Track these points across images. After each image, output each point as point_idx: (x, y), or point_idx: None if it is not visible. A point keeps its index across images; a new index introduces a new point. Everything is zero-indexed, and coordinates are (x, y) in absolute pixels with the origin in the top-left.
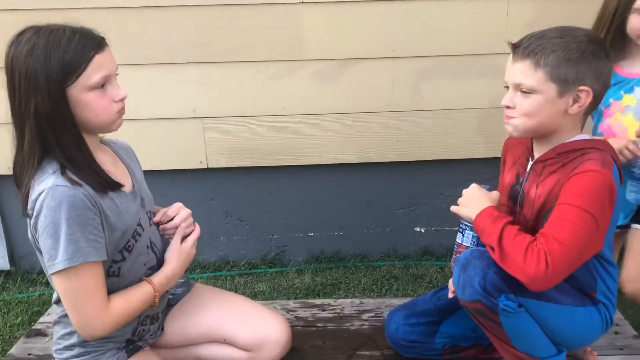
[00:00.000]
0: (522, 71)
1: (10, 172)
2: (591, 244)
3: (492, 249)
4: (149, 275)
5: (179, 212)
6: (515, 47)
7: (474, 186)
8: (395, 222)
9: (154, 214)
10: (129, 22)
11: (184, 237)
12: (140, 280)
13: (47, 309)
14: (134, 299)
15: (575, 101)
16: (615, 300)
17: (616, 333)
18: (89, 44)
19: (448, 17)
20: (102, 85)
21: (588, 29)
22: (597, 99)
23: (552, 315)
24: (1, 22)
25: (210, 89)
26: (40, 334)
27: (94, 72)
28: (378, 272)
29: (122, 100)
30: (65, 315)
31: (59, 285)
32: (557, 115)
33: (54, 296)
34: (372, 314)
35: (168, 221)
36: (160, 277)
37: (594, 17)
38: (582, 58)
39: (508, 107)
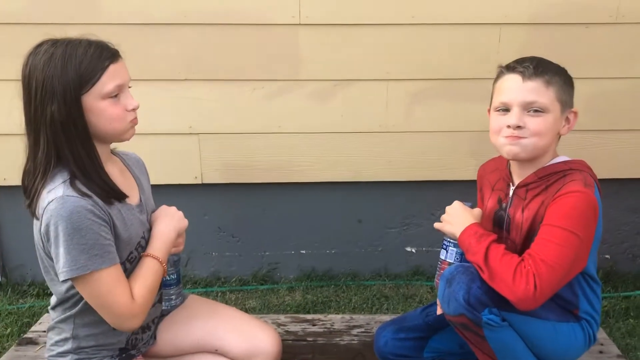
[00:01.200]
0: (534, 90)
1: (5, 184)
2: (576, 263)
3: (480, 267)
4: None
5: None
6: (521, 67)
7: (457, 203)
8: (386, 242)
9: None
10: (128, 39)
11: None
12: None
13: (37, 320)
14: (147, 277)
15: (566, 122)
16: (598, 317)
17: (600, 352)
18: (104, 54)
19: (442, 42)
20: (115, 95)
21: None
22: None
23: (535, 330)
24: (15, 35)
25: (207, 105)
26: (32, 342)
27: (108, 81)
28: (369, 291)
29: (134, 109)
30: (61, 321)
31: (82, 290)
32: (555, 136)
33: (52, 301)
34: (362, 330)
35: None
36: (154, 244)
37: (579, 42)
38: (571, 82)
39: (518, 127)
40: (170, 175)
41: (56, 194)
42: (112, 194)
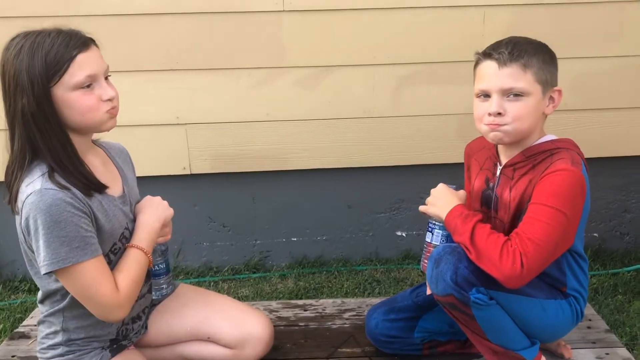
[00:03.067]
0: (511, 75)
1: None
2: (564, 241)
3: (467, 248)
4: None
5: None
6: (496, 54)
7: (441, 185)
8: (377, 227)
9: None
10: (115, 30)
11: None
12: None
13: (29, 316)
14: (131, 267)
15: (550, 101)
16: (586, 294)
17: (589, 328)
18: (72, 43)
19: (427, 25)
20: (88, 85)
21: None
22: None
23: (523, 307)
24: None
25: (194, 95)
26: (24, 336)
27: (76, 72)
28: (360, 276)
29: (110, 99)
30: (50, 315)
31: (65, 282)
32: (537, 118)
33: (39, 296)
34: (354, 313)
35: None
36: (138, 235)
37: (564, 22)
38: (552, 60)
39: (499, 115)
40: (159, 167)
41: (34, 187)
42: (91, 186)
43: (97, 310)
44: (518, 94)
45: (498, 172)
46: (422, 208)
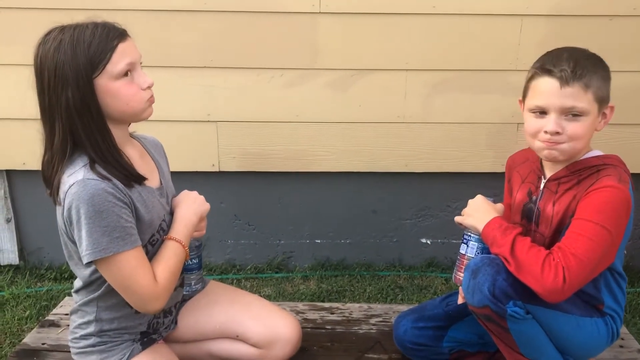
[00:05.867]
0: (572, 95)
1: (24, 168)
2: (606, 258)
3: (506, 259)
4: None
5: None
6: (558, 71)
7: (479, 197)
8: (401, 233)
9: None
10: (149, 25)
11: None
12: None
13: (55, 304)
14: (170, 259)
15: (603, 117)
16: (622, 313)
17: (621, 347)
18: (111, 34)
19: (462, 32)
20: (128, 74)
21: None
22: None
23: (558, 323)
24: (23, 20)
25: (226, 93)
26: (54, 324)
27: (118, 60)
28: (383, 282)
29: (149, 87)
30: (84, 304)
31: (105, 273)
32: (591, 134)
33: (75, 285)
34: (380, 319)
35: None
36: (176, 228)
37: (603, 35)
38: (608, 77)
39: (557, 133)
40: (188, 163)
41: (77, 178)
42: (131, 177)
43: (135, 301)
44: (577, 114)
45: (542, 186)
46: (458, 219)
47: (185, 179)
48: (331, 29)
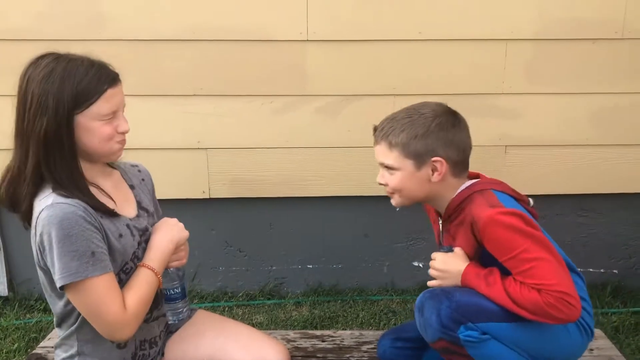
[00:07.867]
0: (381, 152)
1: None
2: (555, 256)
3: (515, 311)
4: None
5: None
6: (374, 130)
7: (439, 256)
8: (393, 257)
9: None
10: (141, 54)
11: None
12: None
13: (44, 336)
14: (140, 287)
15: (434, 171)
16: (589, 307)
17: None
18: (103, 78)
19: (448, 57)
20: (109, 117)
21: (437, 103)
22: (458, 163)
23: (519, 334)
24: (21, 52)
25: (216, 120)
26: (41, 357)
27: (104, 105)
28: (376, 306)
29: (124, 132)
30: (66, 338)
31: (73, 298)
32: (425, 185)
33: (56, 320)
34: (372, 346)
35: None
36: (150, 255)
37: (587, 57)
38: (428, 133)
39: (384, 184)
40: (178, 190)
41: (46, 202)
42: (97, 211)
43: (102, 328)
44: (390, 168)
45: (440, 227)
46: (432, 283)
47: (175, 207)
48: (319, 56)
